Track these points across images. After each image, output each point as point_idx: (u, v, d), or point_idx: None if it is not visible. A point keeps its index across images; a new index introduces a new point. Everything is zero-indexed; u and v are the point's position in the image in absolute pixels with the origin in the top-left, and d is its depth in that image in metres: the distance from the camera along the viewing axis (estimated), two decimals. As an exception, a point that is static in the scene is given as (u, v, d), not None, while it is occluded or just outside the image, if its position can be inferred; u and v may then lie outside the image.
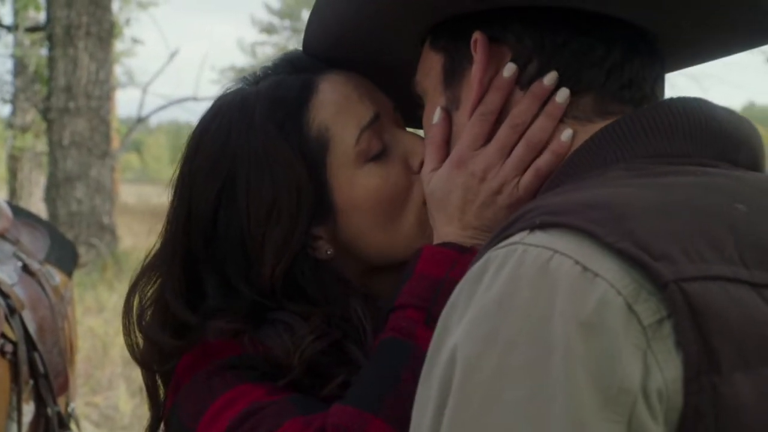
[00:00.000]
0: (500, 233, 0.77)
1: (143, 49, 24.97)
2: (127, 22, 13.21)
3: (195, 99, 11.66)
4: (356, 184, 1.15)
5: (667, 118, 0.89)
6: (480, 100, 0.97)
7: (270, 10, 28.93)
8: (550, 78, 0.94)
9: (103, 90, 9.64)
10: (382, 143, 1.16)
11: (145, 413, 1.24)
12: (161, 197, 1.25)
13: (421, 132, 1.19)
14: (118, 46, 13.26)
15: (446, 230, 1.04)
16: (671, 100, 0.92)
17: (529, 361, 0.67)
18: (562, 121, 0.95)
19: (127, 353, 1.20)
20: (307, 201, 1.12)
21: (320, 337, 1.09)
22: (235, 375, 1.07)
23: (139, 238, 12.67)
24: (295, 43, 28.63)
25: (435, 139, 1.04)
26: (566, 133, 0.94)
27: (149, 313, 1.18)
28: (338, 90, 1.17)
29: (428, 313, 1.00)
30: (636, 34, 0.96)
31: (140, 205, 18.75)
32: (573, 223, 0.72)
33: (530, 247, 0.71)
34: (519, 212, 0.79)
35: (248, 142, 1.13)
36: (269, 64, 1.23)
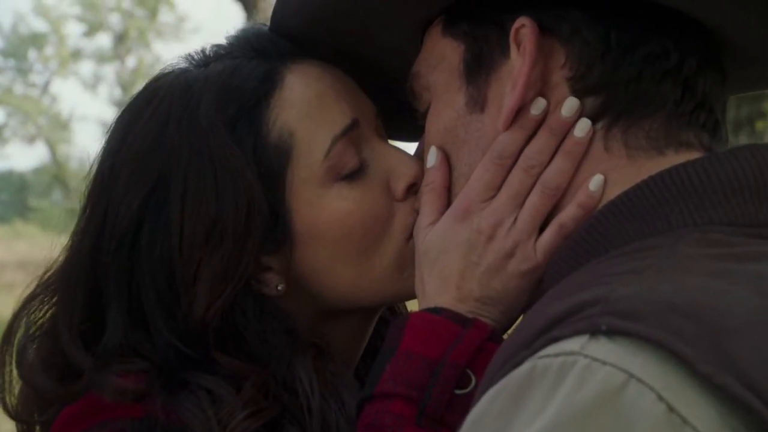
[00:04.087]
0: (543, 330, 0.58)
1: None
2: None
3: None
4: (321, 207, 0.92)
5: (753, 172, 0.70)
6: (520, 103, 0.76)
7: (-7, 48, 27.44)
8: (568, 108, 0.75)
9: None
10: (358, 158, 0.93)
11: None
12: None
13: (408, 147, 1.00)
14: None
15: (438, 300, 0.82)
16: (756, 146, 0.73)
17: None
18: (621, 153, 0.75)
19: None
20: (258, 223, 0.89)
21: (254, 414, 0.86)
22: None
23: None
24: (22, 85, 27.13)
25: (434, 185, 0.85)
26: (595, 181, 0.75)
27: (34, 346, 0.93)
28: (310, 86, 0.93)
29: (421, 408, 0.77)
30: (707, 43, 0.77)
31: None
32: (654, 337, 0.53)
33: (595, 363, 0.53)
34: (570, 302, 0.58)
35: (189, 139, 0.89)
36: (222, 42, 0.97)
